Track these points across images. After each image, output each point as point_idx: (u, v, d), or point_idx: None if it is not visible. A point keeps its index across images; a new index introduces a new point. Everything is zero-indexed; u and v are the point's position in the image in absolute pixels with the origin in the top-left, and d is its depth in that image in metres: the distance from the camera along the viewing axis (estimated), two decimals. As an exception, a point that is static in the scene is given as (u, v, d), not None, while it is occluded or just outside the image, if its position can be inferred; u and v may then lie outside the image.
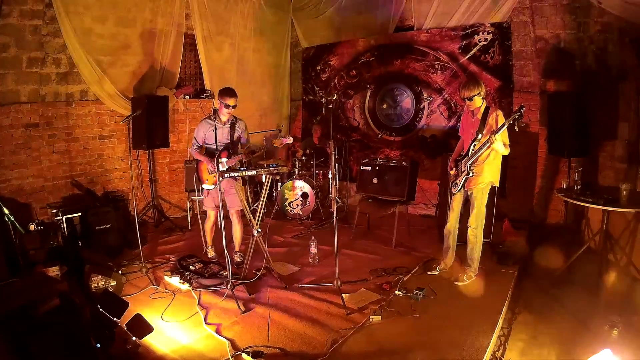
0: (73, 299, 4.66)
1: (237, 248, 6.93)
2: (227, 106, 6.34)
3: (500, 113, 5.72)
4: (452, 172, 6.23)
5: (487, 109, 5.79)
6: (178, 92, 9.23)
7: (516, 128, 5.34)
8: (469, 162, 5.83)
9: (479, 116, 5.80)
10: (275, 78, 11.58)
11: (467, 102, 5.81)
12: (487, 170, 5.82)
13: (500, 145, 5.48)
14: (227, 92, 6.35)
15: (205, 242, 7.08)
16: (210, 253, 7.07)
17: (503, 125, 5.39)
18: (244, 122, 6.71)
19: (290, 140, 6.46)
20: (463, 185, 6.03)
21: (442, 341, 4.66)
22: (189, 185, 8.62)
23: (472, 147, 5.85)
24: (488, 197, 6.01)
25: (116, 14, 7.98)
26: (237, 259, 6.84)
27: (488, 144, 5.54)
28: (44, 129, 7.42)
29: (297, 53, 11.77)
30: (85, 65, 7.60)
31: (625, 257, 6.15)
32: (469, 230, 6.08)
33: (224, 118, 6.48)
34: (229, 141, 6.53)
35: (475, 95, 5.70)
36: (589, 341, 4.62)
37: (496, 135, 5.38)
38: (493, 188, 6.14)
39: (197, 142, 6.58)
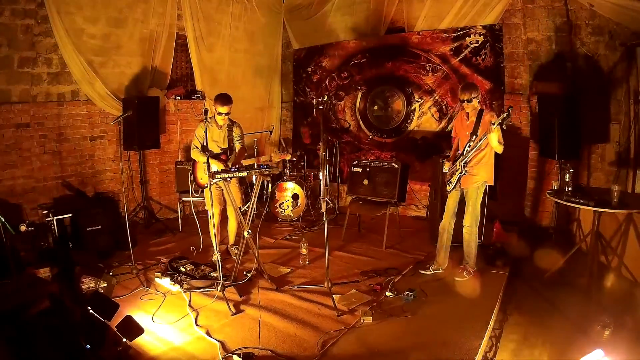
0: (63, 300, 4.64)
1: (232, 241, 7.13)
2: (220, 113, 6.48)
3: (494, 114, 5.96)
4: (445, 169, 6.42)
5: (481, 111, 6.00)
6: (169, 93, 9.22)
7: (504, 127, 5.50)
8: (463, 161, 6.04)
9: (474, 118, 6.02)
10: (267, 79, 11.55)
11: (467, 103, 5.98)
12: (482, 170, 6.03)
13: (495, 139, 5.60)
14: (220, 100, 6.46)
15: (214, 245, 6.59)
16: (215, 257, 6.54)
17: (493, 124, 5.50)
18: (240, 128, 6.82)
19: (288, 156, 6.44)
20: (457, 184, 6.21)
21: (433, 342, 4.68)
22: (180, 186, 8.61)
23: (467, 147, 6.04)
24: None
25: (108, 15, 7.95)
26: (235, 251, 6.95)
27: (484, 140, 5.76)
28: (35, 129, 7.39)
29: (289, 54, 11.75)
30: (77, 65, 7.58)
31: (617, 258, 6.18)
32: (464, 229, 6.26)
33: (220, 122, 6.61)
34: (226, 146, 6.68)
35: (474, 98, 5.94)
36: (581, 342, 4.63)
37: (494, 126, 5.49)
38: (486, 187, 6.21)
39: (199, 144, 6.57)
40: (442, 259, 6.54)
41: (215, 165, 6.33)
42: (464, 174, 6.08)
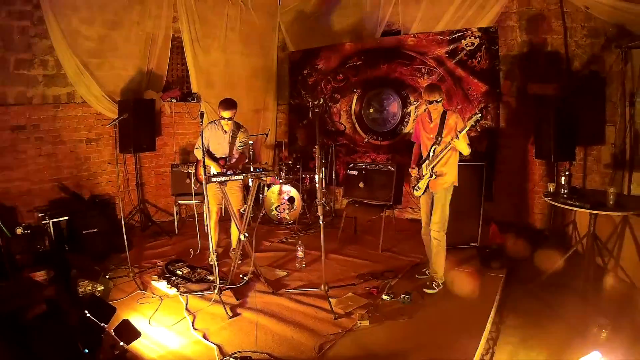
0: (60, 304, 4.63)
1: (234, 245, 7.02)
2: (222, 118, 6.44)
3: (459, 116, 5.91)
4: (413, 174, 6.23)
5: (444, 113, 5.90)
6: (165, 96, 9.20)
7: (478, 129, 5.49)
8: (431, 165, 5.91)
9: (437, 121, 5.90)
10: (262, 81, 11.55)
11: (435, 104, 5.81)
12: (450, 171, 5.91)
13: (464, 145, 5.59)
14: (222, 105, 6.44)
15: (210, 247, 6.23)
16: (212, 258, 5.98)
17: (464, 128, 5.48)
18: (245, 133, 6.80)
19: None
20: (427, 188, 6.09)
21: (430, 345, 4.68)
22: (175, 189, 8.60)
23: (432, 151, 5.93)
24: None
25: (104, 17, 7.94)
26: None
27: (450, 146, 5.67)
28: (31, 131, 7.35)
29: (284, 57, 11.75)
30: (72, 67, 7.55)
31: (613, 259, 6.20)
32: (432, 234, 6.07)
33: (225, 127, 6.60)
34: (227, 152, 6.68)
35: (441, 99, 5.82)
36: (578, 344, 4.63)
37: (459, 136, 5.50)
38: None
39: (202, 144, 6.29)
40: None
41: (213, 168, 6.44)
42: (434, 177, 5.93)
